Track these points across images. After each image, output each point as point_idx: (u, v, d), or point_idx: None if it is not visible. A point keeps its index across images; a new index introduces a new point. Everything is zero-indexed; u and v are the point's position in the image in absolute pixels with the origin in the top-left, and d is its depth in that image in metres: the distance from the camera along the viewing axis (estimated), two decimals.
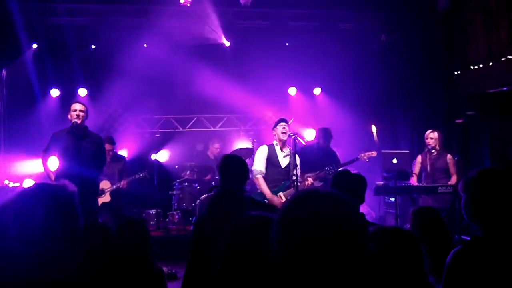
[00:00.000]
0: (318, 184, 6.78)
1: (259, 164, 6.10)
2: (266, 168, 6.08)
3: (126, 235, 3.01)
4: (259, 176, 6.03)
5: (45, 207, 1.63)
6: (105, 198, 7.61)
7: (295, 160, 6.05)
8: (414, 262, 2.27)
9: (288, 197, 5.86)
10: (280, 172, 6.07)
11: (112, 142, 8.09)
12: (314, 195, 1.35)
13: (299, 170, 6.05)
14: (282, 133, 6.13)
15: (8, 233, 1.59)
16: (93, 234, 2.47)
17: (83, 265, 1.71)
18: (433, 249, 3.23)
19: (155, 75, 9.03)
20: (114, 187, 7.67)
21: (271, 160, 6.09)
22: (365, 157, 6.97)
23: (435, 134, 7.14)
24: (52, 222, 1.62)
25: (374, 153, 7.01)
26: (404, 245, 2.27)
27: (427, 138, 7.17)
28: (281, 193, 5.95)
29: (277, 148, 6.17)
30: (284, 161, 6.13)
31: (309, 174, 6.38)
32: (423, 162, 7.22)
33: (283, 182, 6.05)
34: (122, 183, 7.67)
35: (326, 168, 6.50)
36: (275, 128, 6.27)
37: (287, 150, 6.19)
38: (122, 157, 8.40)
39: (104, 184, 7.61)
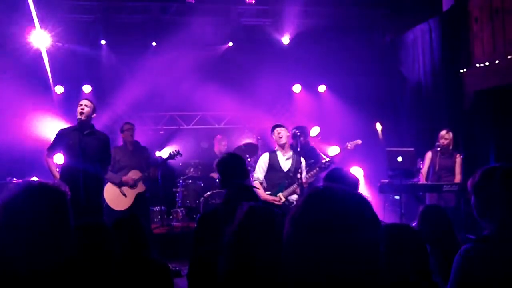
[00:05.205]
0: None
1: (258, 171, 6.10)
2: (268, 174, 6.05)
3: (120, 231, 3.00)
4: (256, 182, 6.02)
5: (36, 205, 1.64)
6: (140, 188, 7.35)
7: (299, 162, 6.00)
8: (418, 258, 2.27)
9: (288, 197, 5.89)
10: (282, 176, 6.01)
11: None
12: (329, 192, 1.33)
13: (303, 172, 6.01)
14: (279, 137, 6.10)
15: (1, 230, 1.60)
16: (89, 232, 2.45)
17: (74, 262, 1.71)
18: (440, 249, 3.21)
19: (160, 72, 9.02)
20: (145, 174, 7.34)
21: (273, 166, 6.05)
22: (350, 146, 6.71)
23: (450, 135, 6.97)
24: (43, 219, 1.63)
25: (359, 141, 6.75)
26: (407, 241, 2.28)
27: (441, 138, 6.96)
28: (280, 194, 5.92)
29: (279, 153, 6.12)
30: (286, 165, 6.07)
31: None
32: (432, 159, 7.06)
33: (281, 184, 6.01)
34: (152, 171, 7.37)
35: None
36: (272, 134, 6.24)
37: (289, 153, 6.15)
38: (144, 147, 7.96)
39: (134, 174, 7.31)
